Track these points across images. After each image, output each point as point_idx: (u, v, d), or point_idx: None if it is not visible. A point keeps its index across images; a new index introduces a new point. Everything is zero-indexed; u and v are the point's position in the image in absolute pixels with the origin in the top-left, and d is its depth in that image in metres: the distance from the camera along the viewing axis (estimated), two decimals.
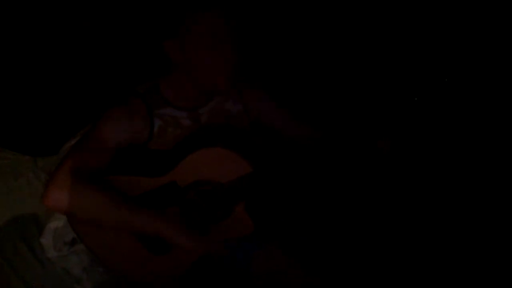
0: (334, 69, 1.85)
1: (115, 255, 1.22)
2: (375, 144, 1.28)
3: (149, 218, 1.18)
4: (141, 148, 1.28)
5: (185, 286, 1.30)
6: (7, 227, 1.43)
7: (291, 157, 1.34)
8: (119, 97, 1.30)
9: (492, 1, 1.58)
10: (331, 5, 1.79)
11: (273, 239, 1.39)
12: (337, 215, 1.60)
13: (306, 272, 1.33)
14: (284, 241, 1.41)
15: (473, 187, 1.56)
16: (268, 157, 1.37)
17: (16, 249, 1.38)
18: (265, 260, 1.35)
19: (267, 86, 1.43)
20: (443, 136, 1.37)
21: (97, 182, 1.18)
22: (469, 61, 1.61)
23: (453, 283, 1.45)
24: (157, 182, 1.24)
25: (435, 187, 1.59)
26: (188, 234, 1.20)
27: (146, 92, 1.30)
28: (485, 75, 1.58)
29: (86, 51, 1.78)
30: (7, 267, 1.35)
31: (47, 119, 1.75)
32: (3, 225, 1.43)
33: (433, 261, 1.51)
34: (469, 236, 1.53)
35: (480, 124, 1.53)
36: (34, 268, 1.35)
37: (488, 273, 1.44)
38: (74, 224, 1.19)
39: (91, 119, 1.28)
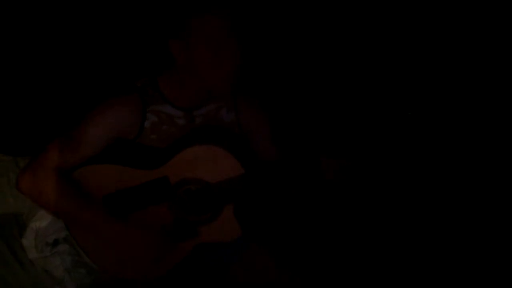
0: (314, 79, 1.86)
1: (102, 252, 1.24)
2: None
3: (91, 213, 1.22)
4: (132, 143, 1.28)
5: (170, 285, 1.30)
6: None
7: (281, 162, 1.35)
8: (116, 89, 1.30)
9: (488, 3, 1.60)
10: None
11: (259, 241, 1.39)
12: (325, 219, 1.61)
13: (291, 275, 1.34)
14: (271, 244, 1.41)
15: (470, 188, 1.58)
16: (259, 161, 1.38)
17: None
18: (253, 263, 1.36)
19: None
20: (438, 137, 1.39)
21: (65, 180, 1.21)
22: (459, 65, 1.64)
23: (449, 283, 1.47)
24: (149, 175, 1.25)
25: (429, 189, 1.61)
26: (124, 227, 1.23)
27: (143, 87, 1.29)
28: (476, 80, 1.61)
29: (74, 49, 1.76)
30: None
31: (29, 118, 1.73)
32: None
33: (424, 263, 1.53)
34: (465, 236, 1.55)
35: (473, 130, 1.56)
36: (15, 269, 1.33)
37: (488, 273, 1.46)
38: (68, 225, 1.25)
39: (76, 118, 1.27)
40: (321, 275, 1.42)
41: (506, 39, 1.59)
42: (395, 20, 1.71)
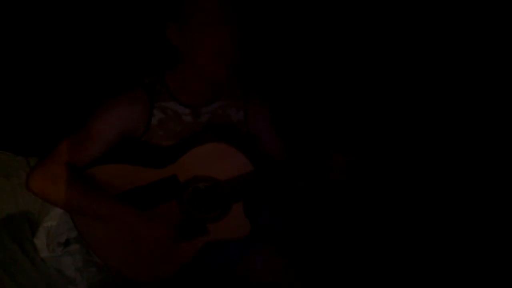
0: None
1: (112, 251, 1.23)
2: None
3: (106, 205, 1.20)
4: (139, 140, 1.27)
5: (177, 285, 1.30)
6: None
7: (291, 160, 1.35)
8: (124, 85, 1.30)
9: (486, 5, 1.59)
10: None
11: (269, 240, 1.39)
12: (333, 220, 1.61)
13: (301, 276, 1.33)
14: (281, 243, 1.41)
15: (469, 188, 1.57)
16: (268, 159, 1.38)
17: (9, 250, 1.36)
18: (261, 262, 1.35)
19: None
20: (439, 137, 1.39)
21: (77, 175, 1.20)
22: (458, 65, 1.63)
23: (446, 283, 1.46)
24: (158, 174, 1.24)
25: (434, 188, 1.60)
26: (139, 218, 1.21)
27: (150, 83, 1.29)
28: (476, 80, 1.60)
29: (83, 49, 1.77)
30: None
31: (41, 118, 1.74)
32: None
33: (424, 263, 1.52)
34: (462, 236, 1.54)
35: (473, 129, 1.55)
36: (27, 269, 1.33)
37: (488, 273, 1.45)
38: (74, 218, 1.23)
39: (86, 118, 1.27)
40: (328, 273, 1.41)
41: (506, 38, 1.58)
42: (404, 15, 1.70)
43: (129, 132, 1.27)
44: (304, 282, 1.31)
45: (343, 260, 1.53)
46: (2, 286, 1.30)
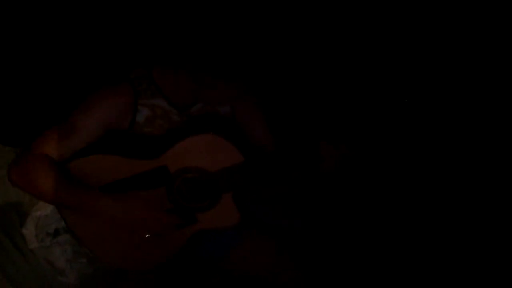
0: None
1: (100, 241, 1.22)
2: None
3: (86, 196, 1.19)
4: (126, 133, 1.26)
5: (166, 276, 1.29)
6: None
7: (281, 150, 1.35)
8: (109, 79, 1.28)
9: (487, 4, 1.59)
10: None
11: (257, 229, 1.39)
12: (327, 212, 1.61)
13: (289, 265, 1.33)
14: (269, 232, 1.41)
15: (469, 188, 1.58)
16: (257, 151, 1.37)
17: None
18: (249, 252, 1.35)
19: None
20: (439, 136, 1.39)
21: (57, 168, 1.19)
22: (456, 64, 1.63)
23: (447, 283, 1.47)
24: (148, 165, 1.23)
25: (429, 187, 1.60)
26: (123, 201, 1.20)
27: (136, 78, 1.27)
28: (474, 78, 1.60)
29: (70, 42, 1.75)
30: None
31: (29, 110, 1.72)
32: None
33: (424, 262, 1.52)
34: (462, 236, 1.54)
35: (472, 126, 1.55)
36: (16, 260, 1.33)
37: (488, 273, 1.45)
38: (62, 211, 1.21)
39: (70, 111, 1.25)
40: (321, 264, 1.41)
41: (506, 38, 1.59)
42: (396, 12, 1.71)
43: (113, 126, 1.25)
44: (297, 275, 1.32)
45: (335, 249, 1.53)
46: None
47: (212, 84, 1.25)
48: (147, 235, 1.22)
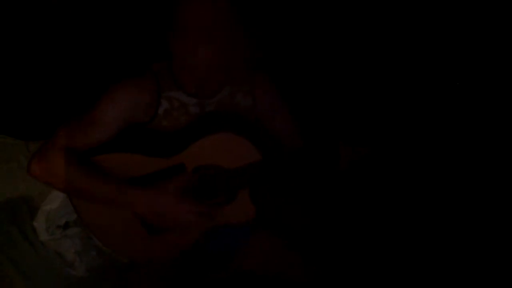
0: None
1: (112, 234, 1.24)
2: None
3: (117, 188, 1.19)
4: (144, 129, 1.26)
5: (178, 269, 1.30)
6: None
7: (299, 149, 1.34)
8: (131, 71, 1.28)
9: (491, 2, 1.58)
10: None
11: (272, 226, 1.40)
12: (339, 209, 1.61)
13: (301, 261, 1.34)
14: (285, 230, 1.41)
15: (469, 188, 1.57)
16: (275, 147, 1.37)
17: (8, 233, 1.37)
18: (264, 247, 1.35)
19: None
20: (441, 137, 1.38)
21: (80, 160, 1.19)
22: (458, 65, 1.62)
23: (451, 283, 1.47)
24: (166, 163, 1.23)
25: (432, 187, 1.60)
26: (158, 198, 1.20)
27: (159, 71, 1.27)
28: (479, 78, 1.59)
29: (89, 34, 1.75)
30: None
31: (40, 103, 1.73)
32: None
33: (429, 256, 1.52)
34: (463, 236, 1.54)
35: (474, 127, 1.54)
36: (27, 252, 1.34)
37: (488, 273, 1.45)
38: (74, 203, 1.22)
39: (87, 103, 1.26)
40: (336, 265, 1.42)
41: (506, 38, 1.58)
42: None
43: (135, 119, 1.25)
44: (308, 269, 1.32)
45: (347, 251, 1.53)
46: (1, 269, 1.31)
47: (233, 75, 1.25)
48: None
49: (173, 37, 1.20)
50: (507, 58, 1.58)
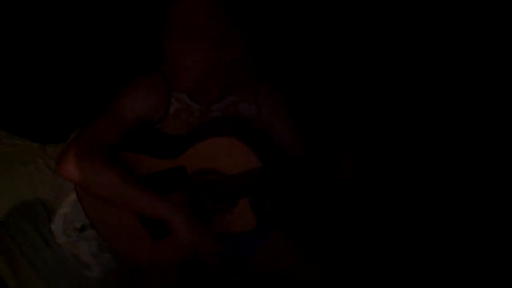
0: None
1: (122, 238, 1.25)
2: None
3: (155, 199, 1.18)
4: (153, 128, 1.27)
5: (185, 273, 1.31)
6: (17, 213, 1.44)
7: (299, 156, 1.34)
8: (142, 71, 1.29)
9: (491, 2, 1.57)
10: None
11: (281, 231, 1.40)
12: (340, 212, 1.61)
13: (308, 262, 1.35)
14: (288, 233, 1.41)
15: (470, 189, 1.56)
16: (277, 155, 1.37)
17: (26, 235, 1.39)
18: (268, 250, 1.36)
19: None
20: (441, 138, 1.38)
21: (109, 157, 1.18)
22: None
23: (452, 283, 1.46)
24: (166, 164, 1.24)
25: (432, 188, 1.59)
26: (190, 223, 1.18)
27: (167, 71, 1.27)
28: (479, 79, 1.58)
29: (100, 38, 1.77)
30: (17, 253, 1.36)
31: (58, 106, 1.75)
32: (13, 211, 1.44)
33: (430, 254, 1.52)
34: (464, 236, 1.53)
35: (474, 129, 1.53)
36: (44, 253, 1.36)
37: (488, 273, 1.45)
38: (84, 205, 1.23)
39: (102, 106, 1.27)
40: (339, 267, 1.42)
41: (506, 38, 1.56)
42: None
43: (148, 118, 1.26)
44: (312, 272, 1.33)
45: (351, 252, 1.54)
46: (21, 271, 1.33)
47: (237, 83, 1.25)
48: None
49: (165, 38, 1.20)
50: (506, 59, 1.56)
